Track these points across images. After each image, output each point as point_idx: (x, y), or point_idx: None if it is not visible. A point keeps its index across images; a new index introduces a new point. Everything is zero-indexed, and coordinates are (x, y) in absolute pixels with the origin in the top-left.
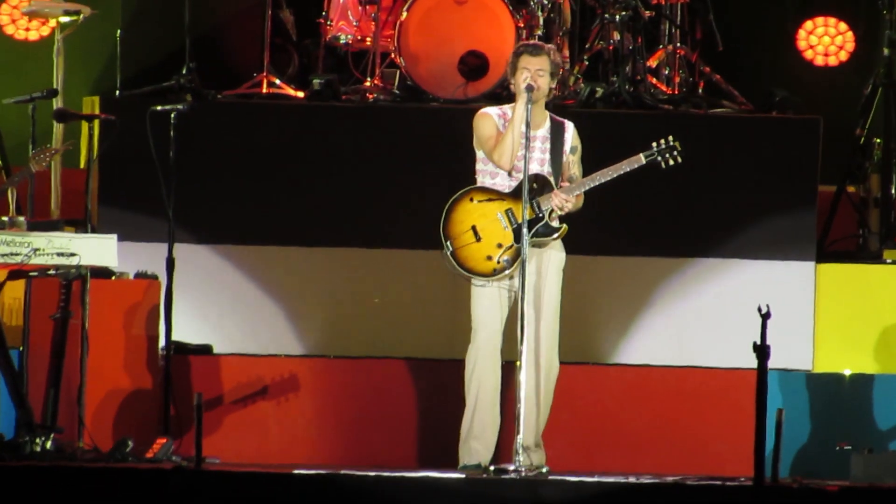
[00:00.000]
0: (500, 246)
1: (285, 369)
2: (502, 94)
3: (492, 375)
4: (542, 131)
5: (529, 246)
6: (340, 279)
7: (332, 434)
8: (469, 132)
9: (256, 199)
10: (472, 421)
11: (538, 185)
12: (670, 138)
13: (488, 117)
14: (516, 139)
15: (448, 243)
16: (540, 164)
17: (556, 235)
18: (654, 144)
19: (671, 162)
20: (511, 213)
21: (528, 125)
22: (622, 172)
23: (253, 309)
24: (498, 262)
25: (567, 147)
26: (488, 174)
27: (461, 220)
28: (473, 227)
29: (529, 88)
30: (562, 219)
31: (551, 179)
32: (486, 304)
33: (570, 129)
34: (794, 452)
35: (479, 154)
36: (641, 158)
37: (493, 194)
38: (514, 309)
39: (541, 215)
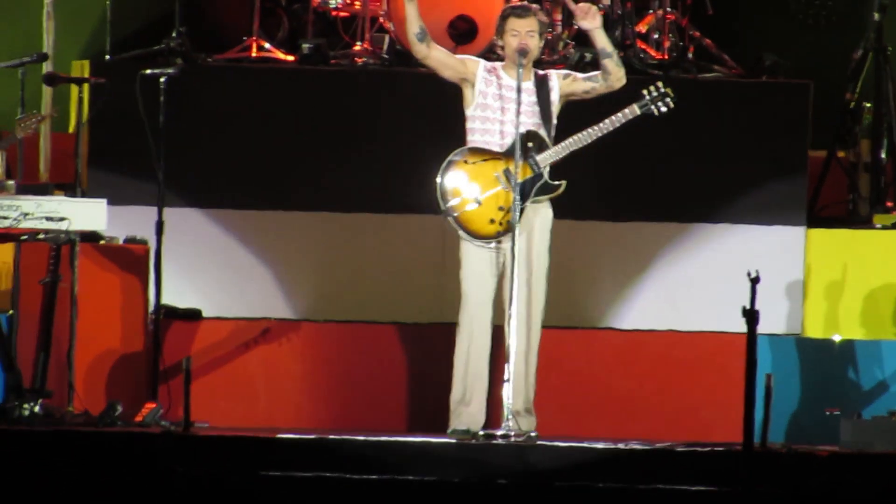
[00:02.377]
0: (501, 209)
1: (274, 333)
2: (491, 58)
3: (484, 342)
4: (529, 85)
5: (530, 204)
6: (329, 243)
7: (321, 398)
8: (458, 96)
9: (246, 162)
10: (462, 386)
11: (534, 143)
12: (660, 84)
13: (474, 62)
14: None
15: (449, 207)
16: (529, 116)
17: (556, 192)
18: (645, 92)
19: (664, 109)
20: (508, 172)
21: (519, 88)
22: (618, 124)
23: (242, 273)
24: (500, 224)
25: (555, 94)
26: (477, 131)
27: (458, 182)
28: (472, 191)
29: (522, 52)
30: (558, 176)
31: (542, 132)
32: (478, 269)
33: (552, 75)
34: (784, 418)
35: (468, 112)
36: (636, 108)
37: (488, 154)
38: (503, 271)
39: (539, 172)
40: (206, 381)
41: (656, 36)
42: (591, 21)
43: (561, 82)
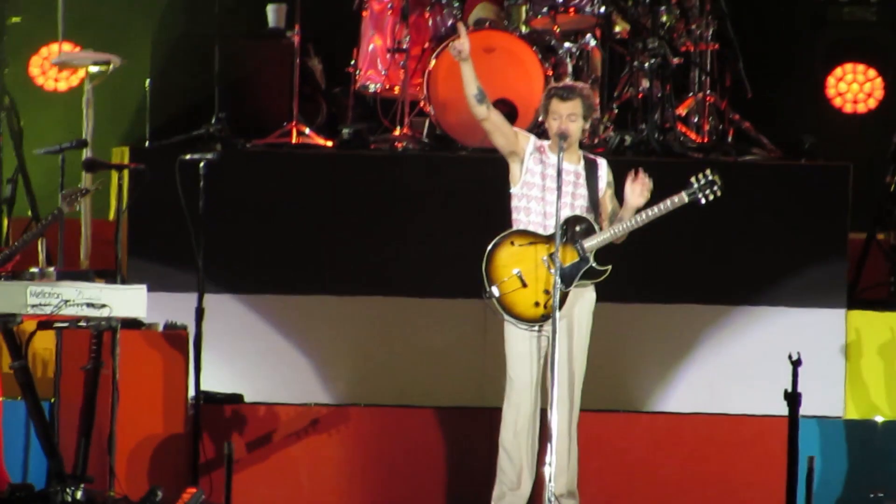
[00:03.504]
0: (547, 292)
1: (315, 418)
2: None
3: (530, 425)
4: (577, 167)
5: (574, 288)
6: (369, 328)
7: (361, 483)
8: (499, 180)
9: (285, 248)
10: (510, 471)
11: (580, 228)
12: (708, 172)
13: (525, 137)
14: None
15: (493, 289)
16: (573, 198)
17: (601, 277)
18: (694, 179)
19: (712, 197)
20: (555, 256)
21: (559, 172)
22: (665, 212)
23: (282, 358)
24: (545, 308)
25: (603, 182)
26: (522, 210)
27: (504, 264)
28: (518, 273)
29: (562, 136)
30: (604, 260)
31: (590, 217)
32: (523, 351)
33: (603, 165)
34: (828, 501)
35: (514, 189)
36: (684, 196)
37: (534, 237)
38: (548, 353)
39: (585, 257)
40: (246, 466)
41: (696, 119)
42: (642, 198)
43: (608, 178)
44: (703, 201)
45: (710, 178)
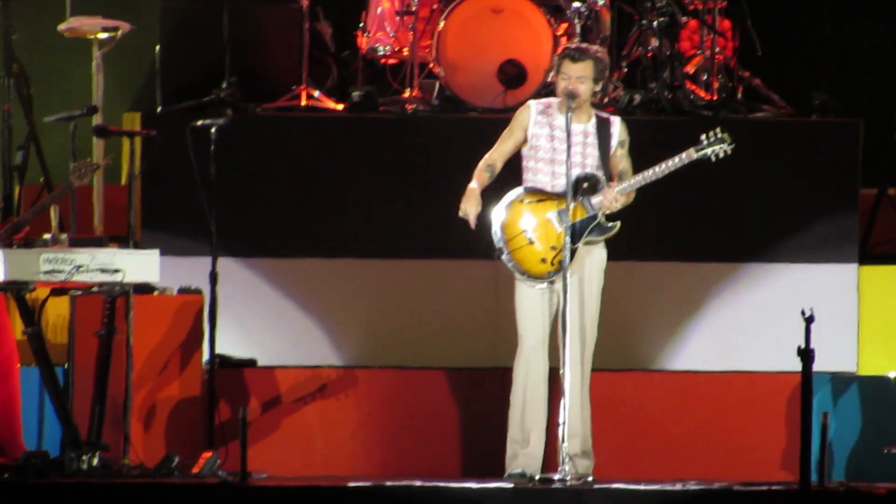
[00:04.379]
0: (553, 248)
1: (329, 381)
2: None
3: (540, 384)
4: (586, 126)
5: (582, 245)
6: (382, 290)
7: (376, 445)
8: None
9: (297, 212)
10: (520, 429)
11: (588, 184)
12: (718, 130)
13: (525, 110)
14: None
15: (503, 246)
16: (582, 157)
17: (609, 234)
18: (704, 137)
19: (721, 154)
20: (564, 212)
21: (568, 132)
22: (673, 168)
23: (295, 322)
24: (552, 265)
25: (615, 141)
26: (530, 170)
27: (513, 221)
28: (526, 230)
29: (570, 95)
30: (613, 216)
31: (600, 174)
32: (532, 310)
33: (616, 123)
34: (842, 457)
35: (523, 151)
36: (692, 153)
37: (543, 195)
38: (559, 311)
39: (593, 214)
40: (262, 431)
41: (705, 77)
42: (618, 206)
43: (620, 137)
44: (713, 159)
45: (720, 135)
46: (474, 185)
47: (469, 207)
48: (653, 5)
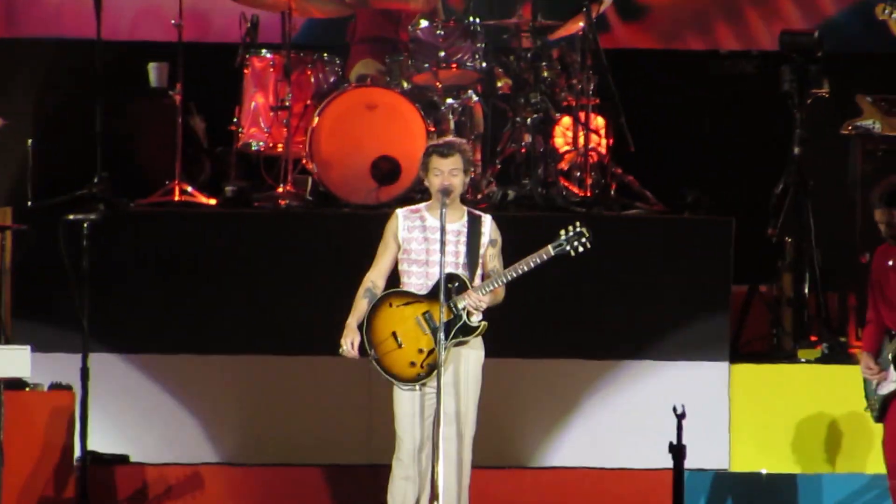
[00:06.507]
0: (421, 351)
1: (203, 477)
2: (416, 198)
3: (415, 485)
4: (458, 226)
5: (451, 346)
6: (255, 387)
7: None
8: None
9: (171, 307)
10: None
11: (454, 285)
12: (577, 224)
13: (393, 219)
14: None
15: (372, 351)
16: (454, 256)
17: (475, 334)
18: (562, 233)
19: (580, 249)
20: (429, 315)
21: (442, 228)
22: (533, 266)
23: (168, 418)
24: (421, 367)
25: (486, 239)
26: (405, 274)
27: (382, 325)
28: (394, 333)
29: (445, 192)
30: (484, 314)
31: (465, 275)
32: (409, 411)
33: (487, 222)
34: None
35: (399, 256)
36: (550, 250)
37: (411, 297)
38: (437, 411)
39: (458, 314)
40: None
41: (579, 174)
42: (483, 306)
43: (491, 235)
44: (573, 253)
45: (579, 229)
46: (352, 321)
47: (347, 343)
48: (526, 102)
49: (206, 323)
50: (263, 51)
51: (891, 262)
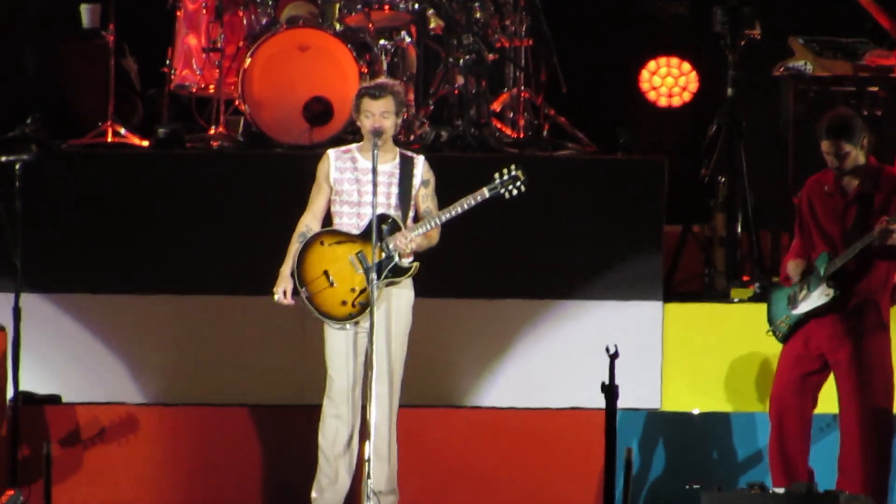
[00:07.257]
0: (353, 290)
1: (134, 417)
2: (348, 139)
3: (347, 424)
4: (390, 167)
5: (383, 286)
6: (187, 327)
7: (181, 482)
8: (314, 177)
9: (102, 248)
10: (328, 465)
11: (386, 226)
12: (513, 167)
13: (324, 160)
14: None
15: (304, 289)
16: (386, 197)
17: (407, 274)
18: (497, 175)
19: (515, 192)
20: (362, 255)
21: (374, 170)
22: (467, 209)
23: (100, 358)
24: (353, 306)
25: (417, 181)
26: (337, 214)
27: (313, 264)
28: (326, 272)
29: (376, 133)
30: (417, 255)
31: (398, 216)
32: (340, 350)
33: (419, 163)
34: (645, 492)
35: (332, 197)
36: (485, 192)
37: (343, 237)
38: (368, 351)
39: (390, 255)
40: (66, 468)
41: (511, 115)
42: (413, 247)
43: (423, 176)
44: (507, 196)
45: (514, 173)
46: (285, 269)
47: (280, 292)
48: (459, 43)
49: (139, 263)
50: None
51: (826, 188)
